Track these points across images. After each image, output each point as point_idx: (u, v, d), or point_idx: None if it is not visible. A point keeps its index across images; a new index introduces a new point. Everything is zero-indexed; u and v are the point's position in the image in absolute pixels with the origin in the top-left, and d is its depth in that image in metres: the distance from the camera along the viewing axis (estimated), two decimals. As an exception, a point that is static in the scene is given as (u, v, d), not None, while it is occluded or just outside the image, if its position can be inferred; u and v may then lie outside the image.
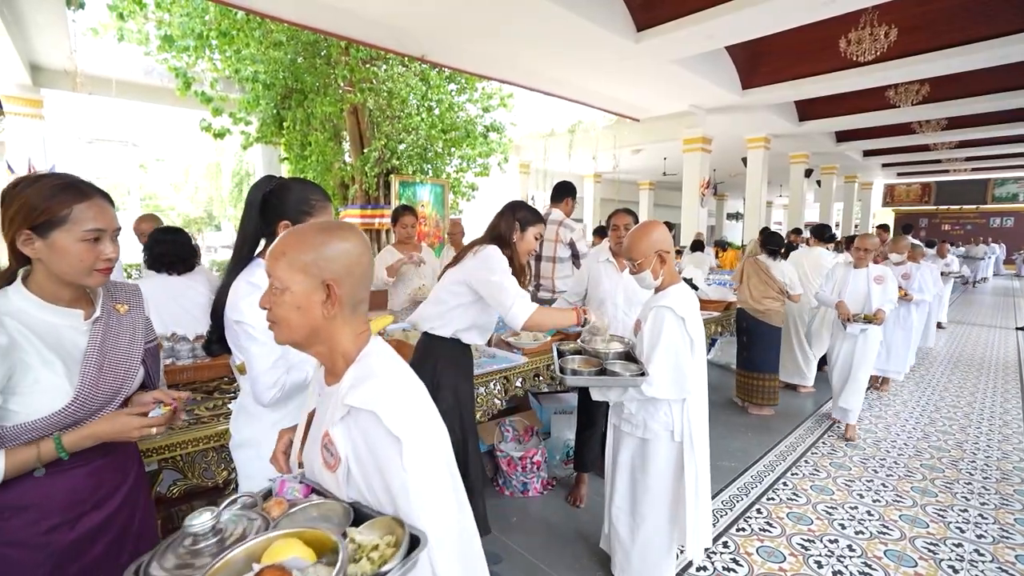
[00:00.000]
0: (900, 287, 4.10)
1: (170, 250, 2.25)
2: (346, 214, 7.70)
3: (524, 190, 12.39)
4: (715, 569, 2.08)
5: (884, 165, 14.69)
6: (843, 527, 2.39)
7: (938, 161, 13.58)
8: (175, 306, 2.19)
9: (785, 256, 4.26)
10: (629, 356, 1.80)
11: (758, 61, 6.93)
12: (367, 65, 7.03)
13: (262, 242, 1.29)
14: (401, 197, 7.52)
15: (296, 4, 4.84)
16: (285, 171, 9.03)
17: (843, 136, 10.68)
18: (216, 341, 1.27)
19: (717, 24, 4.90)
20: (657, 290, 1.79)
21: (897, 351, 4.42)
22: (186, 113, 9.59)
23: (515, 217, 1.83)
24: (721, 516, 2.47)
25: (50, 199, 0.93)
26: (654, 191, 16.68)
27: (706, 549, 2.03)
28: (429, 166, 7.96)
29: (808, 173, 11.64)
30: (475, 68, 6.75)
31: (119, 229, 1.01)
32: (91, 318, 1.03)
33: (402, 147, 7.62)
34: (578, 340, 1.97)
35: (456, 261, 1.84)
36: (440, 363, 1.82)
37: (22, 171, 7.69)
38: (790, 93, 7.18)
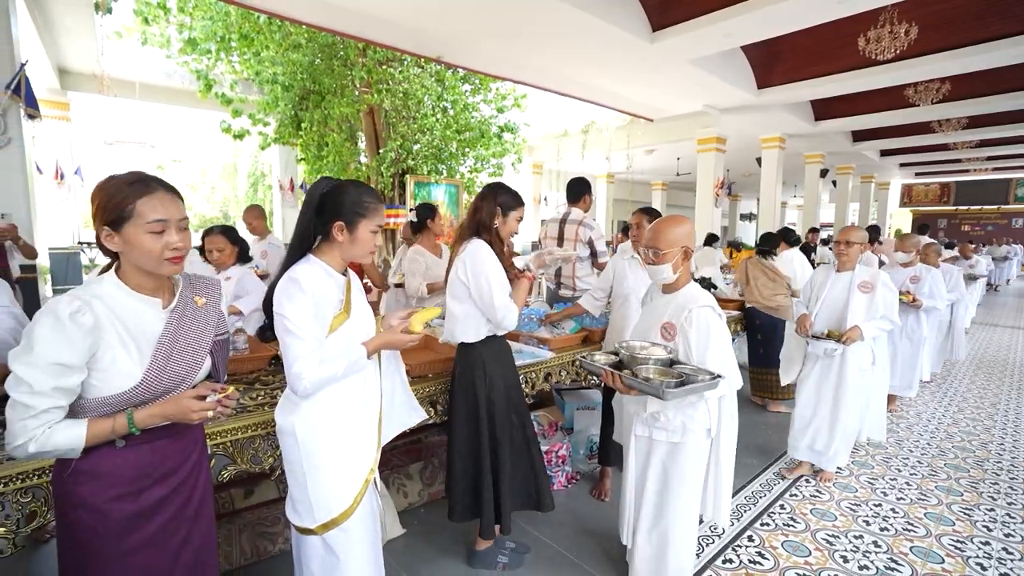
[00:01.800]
0: (907, 291, 3.73)
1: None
2: (362, 214, 7.80)
3: (537, 190, 12.43)
4: (741, 562, 2.09)
5: (902, 165, 14.48)
6: (867, 523, 2.39)
7: (958, 161, 13.36)
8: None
9: (807, 254, 4.23)
10: (671, 363, 1.64)
11: (774, 60, 6.90)
12: (383, 66, 7.12)
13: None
14: (416, 197, 7.60)
15: (315, 7, 4.93)
16: (301, 171, 9.17)
17: (860, 136, 10.55)
18: (269, 328, 1.34)
19: (733, 23, 4.89)
20: (669, 287, 1.70)
21: (904, 366, 3.88)
22: (204, 114, 9.78)
23: (496, 202, 1.84)
24: (745, 511, 2.48)
25: (118, 196, 0.99)
26: (667, 191, 16.61)
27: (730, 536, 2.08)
28: (444, 166, 8.03)
29: (823, 173, 11.52)
30: (490, 69, 6.82)
31: (185, 219, 1.06)
32: (169, 307, 1.09)
33: (417, 147, 7.70)
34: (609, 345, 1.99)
35: (451, 264, 1.88)
36: (487, 366, 1.87)
37: (50, 173, 7.91)
38: (806, 92, 7.13)
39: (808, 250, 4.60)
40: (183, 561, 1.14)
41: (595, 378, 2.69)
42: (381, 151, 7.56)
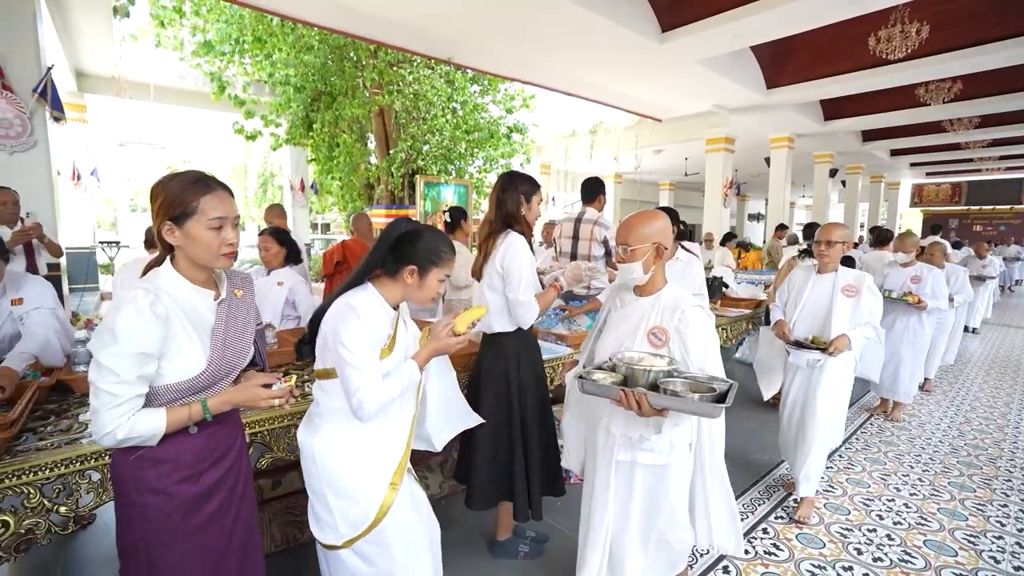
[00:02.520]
0: (910, 292, 3.61)
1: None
2: (372, 214, 7.87)
3: (545, 191, 12.49)
4: (756, 552, 2.13)
5: (912, 164, 14.39)
6: (880, 518, 2.41)
7: (970, 160, 13.26)
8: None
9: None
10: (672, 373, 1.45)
11: (783, 60, 6.90)
12: (394, 68, 7.20)
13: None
14: (426, 197, 7.67)
15: (328, 9, 4.99)
16: (312, 172, 9.27)
17: (869, 135, 10.52)
18: (308, 343, 1.38)
19: (743, 24, 4.91)
20: (644, 289, 1.52)
21: (905, 370, 3.71)
22: (214, 116, 9.86)
23: (519, 191, 1.90)
24: (759, 504, 2.52)
25: (184, 193, 1.05)
26: (675, 191, 16.60)
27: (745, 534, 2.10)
28: (453, 166, 8.10)
29: (833, 173, 11.49)
30: (500, 70, 6.86)
31: (238, 217, 1.12)
32: (218, 299, 1.15)
33: (426, 148, 7.78)
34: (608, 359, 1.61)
35: (486, 257, 1.92)
36: (520, 354, 1.94)
37: (67, 174, 8.06)
38: (815, 92, 7.13)
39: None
40: (235, 539, 1.20)
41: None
42: (391, 152, 7.63)
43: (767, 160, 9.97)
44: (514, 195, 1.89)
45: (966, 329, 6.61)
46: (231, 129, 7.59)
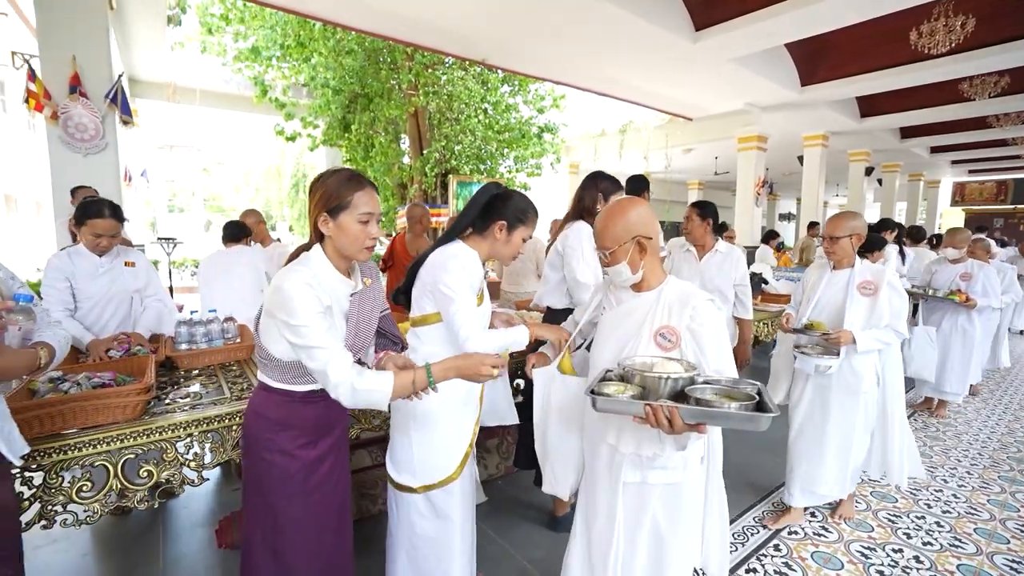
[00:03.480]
0: (959, 290, 3.52)
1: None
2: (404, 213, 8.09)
3: (573, 191, 12.53)
4: (766, 572, 1.97)
5: (954, 162, 13.90)
6: (929, 506, 2.40)
7: (1017, 157, 12.75)
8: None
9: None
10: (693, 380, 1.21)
11: (819, 57, 6.82)
12: (429, 70, 7.40)
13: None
14: (459, 197, 7.84)
15: (369, 14, 5.15)
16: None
17: (908, 132, 10.24)
18: (404, 292, 1.53)
19: (779, 21, 4.88)
20: (640, 286, 1.32)
21: (954, 368, 3.62)
22: (252, 119, 10.25)
23: (598, 189, 2.08)
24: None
25: (340, 188, 1.15)
26: (703, 191, 16.43)
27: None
28: (484, 166, 8.26)
29: (869, 171, 11.22)
30: (533, 70, 6.96)
31: (380, 214, 1.24)
32: (354, 290, 1.27)
33: (458, 148, 7.96)
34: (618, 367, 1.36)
35: (554, 238, 2.13)
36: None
37: (121, 176, 8.51)
38: (852, 89, 7.01)
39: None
40: (337, 502, 1.33)
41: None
42: (425, 151, 7.84)
43: (800, 158, 9.82)
44: (592, 192, 2.06)
45: (1010, 331, 6.38)
46: (267, 131, 7.92)
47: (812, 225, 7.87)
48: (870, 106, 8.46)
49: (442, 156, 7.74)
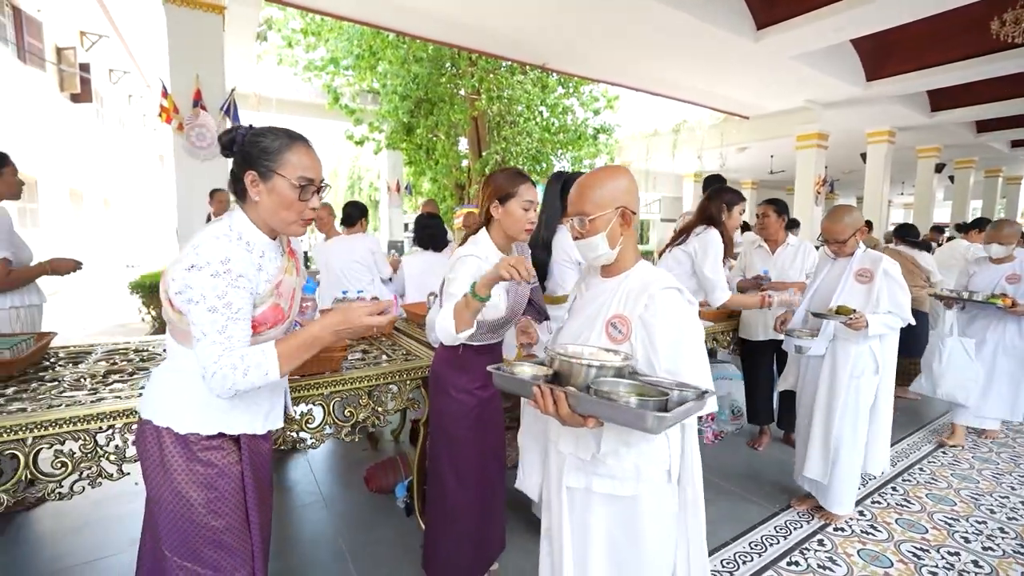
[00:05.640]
0: (1002, 294, 2.92)
1: (433, 232, 3.00)
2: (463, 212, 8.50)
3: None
4: (808, 566, 1.96)
5: (1037, 157, 12.94)
6: (992, 511, 2.32)
7: (1111, 151, 11.72)
8: (432, 277, 2.85)
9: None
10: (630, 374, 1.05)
11: (886, 50, 6.63)
12: (491, 75, 7.75)
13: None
14: (514, 196, 8.15)
15: (439, 24, 5.50)
16: (405, 174, 10.10)
17: (985, 126, 9.67)
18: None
19: (846, 17, 4.85)
20: (611, 269, 1.17)
21: (998, 387, 3.05)
22: (320, 125, 10.92)
23: (723, 200, 2.32)
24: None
25: (507, 182, 1.45)
26: (757, 190, 16.04)
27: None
28: (540, 167, 8.55)
29: (939, 168, 10.66)
30: (592, 73, 7.15)
31: (536, 202, 1.52)
32: None
33: (516, 149, 8.28)
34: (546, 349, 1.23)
35: (678, 240, 2.41)
36: None
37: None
38: (922, 82, 6.75)
39: (929, 249, 4.28)
40: (499, 435, 1.65)
41: (724, 351, 2.99)
42: (484, 153, 8.21)
43: (863, 156, 9.50)
44: (718, 203, 2.33)
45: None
46: (330, 136, 8.49)
47: (867, 225, 7.64)
48: (942, 99, 8.09)
49: (501, 158, 8.08)
